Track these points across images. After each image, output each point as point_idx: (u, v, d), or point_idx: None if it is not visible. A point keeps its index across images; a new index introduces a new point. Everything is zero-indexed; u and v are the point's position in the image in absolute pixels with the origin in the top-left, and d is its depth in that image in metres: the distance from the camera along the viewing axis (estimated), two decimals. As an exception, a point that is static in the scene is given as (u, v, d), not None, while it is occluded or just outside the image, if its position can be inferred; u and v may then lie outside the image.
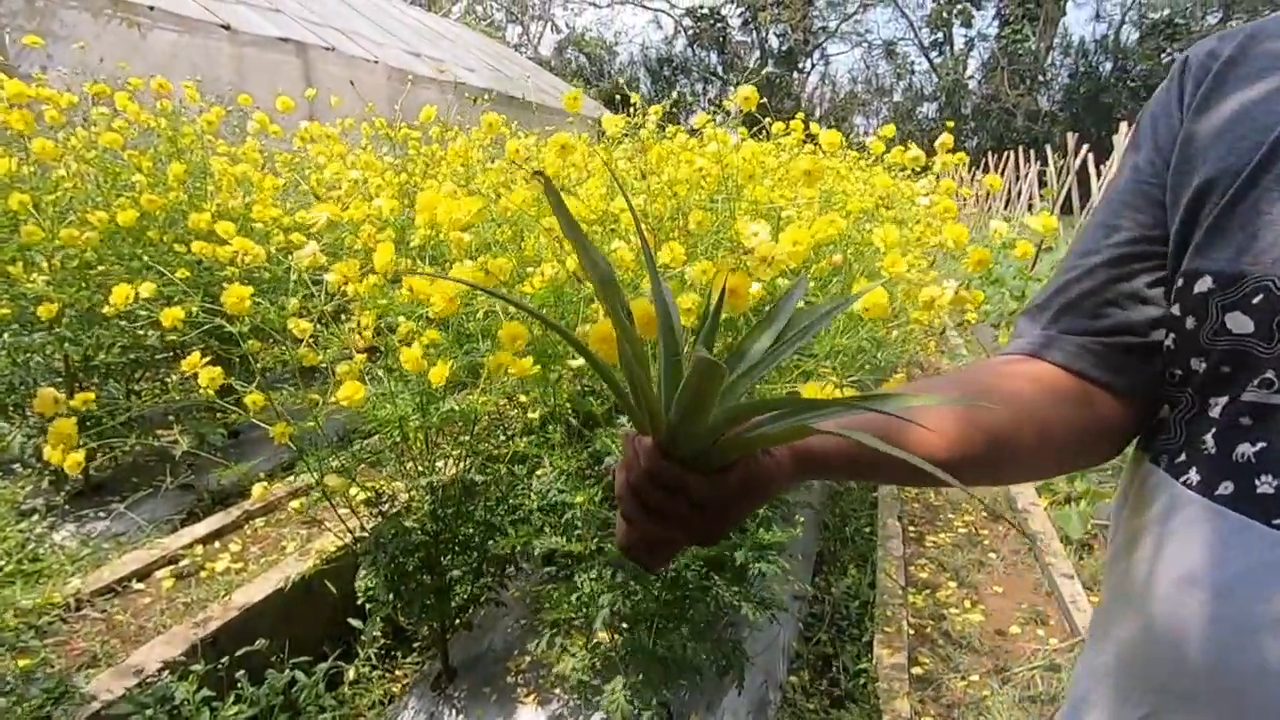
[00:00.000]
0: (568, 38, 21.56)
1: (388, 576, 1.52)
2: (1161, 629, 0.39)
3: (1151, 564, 0.41)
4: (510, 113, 7.75)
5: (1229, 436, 0.39)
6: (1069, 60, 20.95)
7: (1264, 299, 0.37)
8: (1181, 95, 0.46)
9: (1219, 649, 0.36)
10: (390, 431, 1.39)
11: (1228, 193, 0.40)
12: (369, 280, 1.43)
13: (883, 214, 1.78)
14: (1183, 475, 0.41)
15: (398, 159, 3.00)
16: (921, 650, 1.83)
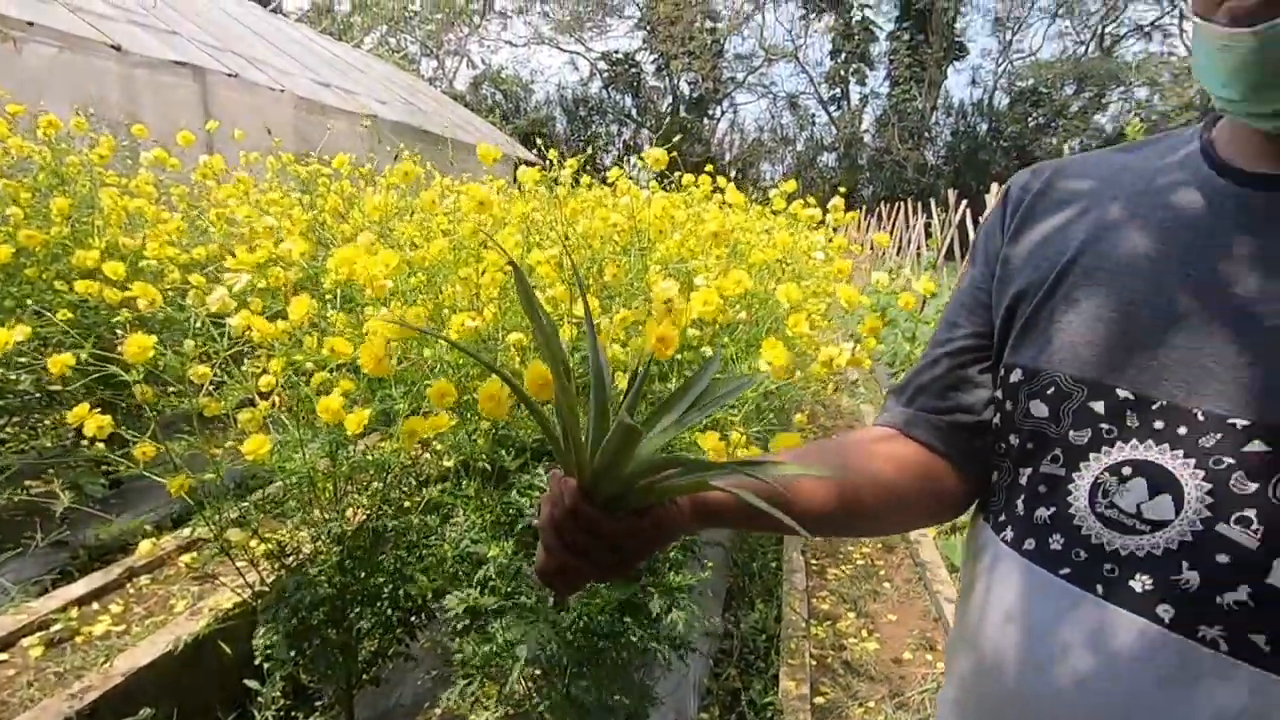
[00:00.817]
0: (484, 74, 21.64)
1: (290, 632, 1.46)
2: (988, 664, 0.48)
3: (981, 608, 0.50)
4: (424, 147, 7.69)
5: (1032, 501, 0.48)
6: (951, 119, 22.97)
7: (1054, 390, 0.47)
8: (1003, 220, 0.56)
9: (1027, 679, 0.45)
10: (299, 482, 1.36)
11: (1033, 303, 0.50)
12: (279, 326, 1.40)
13: (784, 268, 1.92)
14: (1002, 532, 0.50)
15: (305, 194, 2.94)
16: (824, 680, 1.92)
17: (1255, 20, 0.38)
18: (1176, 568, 0.40)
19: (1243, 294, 0.41)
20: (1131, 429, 0.43)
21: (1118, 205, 0.49)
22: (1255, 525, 0.38)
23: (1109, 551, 0.43)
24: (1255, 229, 0.42)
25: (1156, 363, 0.43)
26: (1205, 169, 0.46)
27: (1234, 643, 0.38)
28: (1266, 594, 0.37)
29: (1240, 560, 0.38)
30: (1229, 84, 0.41)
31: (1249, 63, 0.39)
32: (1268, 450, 0.38)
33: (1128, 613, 0.41)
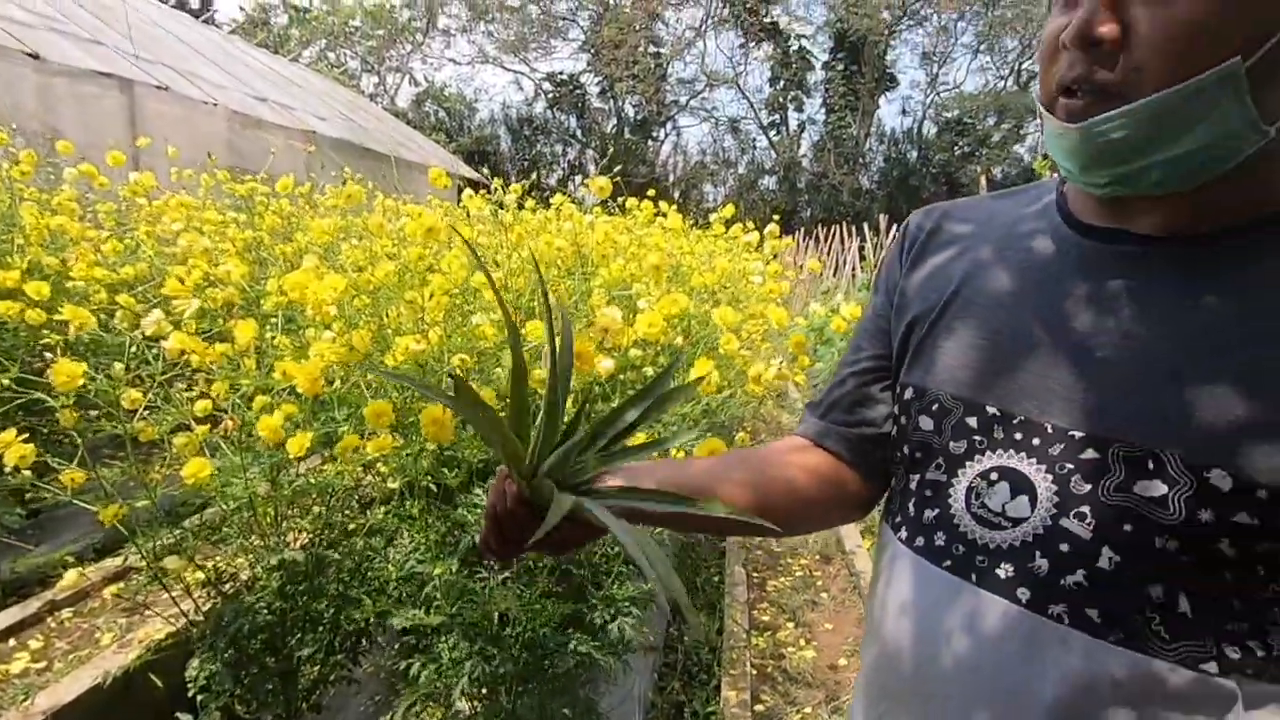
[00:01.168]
0: (427, 91, 21.46)
1: (227, 662, 1.43)
2: (889, 650, 0.54)
3: (883, 600, 0.56)
4: (366, 164, 7.59)
5: (920, 504, 0.55)
6: (883, 146, 24.02)
7: (938, 407, 0.55)
8: (900, 256, 0.64)
9: (918, 661, 0.51)
10: (239, 508, 1.35)
11: (922, 330, 0.58)
12: (219, 349, 1.40)
13: (722, 292, 2.01)
14: (899, 532, 0.57)
15: (242, 213, 2.88)
16: (764, 689, 1.99)
17: (1080, 118, 0.45)
18: (1031, 556, 0.47)
19: (1079, 328, 0.49)
20: (998, 440, 0.51)
21: (989, 247, 0.57)
22: (1089, 519, 0.45)
23: (980, 545, 0.50)
24: (1089, 273, 0.50)
25: (1016, 384, 0.50)
26: (1058, 219, 0.54)
27: (1073, 616, 0.45)
28: (1097, 575, 0.45)
29: (1078, 549, 0.46)
30: (1066, 160, 0.49)
31: (1078, 149, 0.46)
32: (1097, 457, 0.46)
33: (995, 596, 0.48)
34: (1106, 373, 0.47)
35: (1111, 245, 0.50)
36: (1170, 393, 0.44)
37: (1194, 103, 0.42)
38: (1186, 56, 0.41)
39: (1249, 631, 0.43)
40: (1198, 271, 0.46)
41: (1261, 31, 0.40)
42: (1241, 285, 0.45)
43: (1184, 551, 0.43)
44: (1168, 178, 0.45)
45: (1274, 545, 0.41)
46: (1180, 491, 0.43)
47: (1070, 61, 0.45)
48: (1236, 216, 0.46)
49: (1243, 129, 0.42)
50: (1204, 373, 0.43)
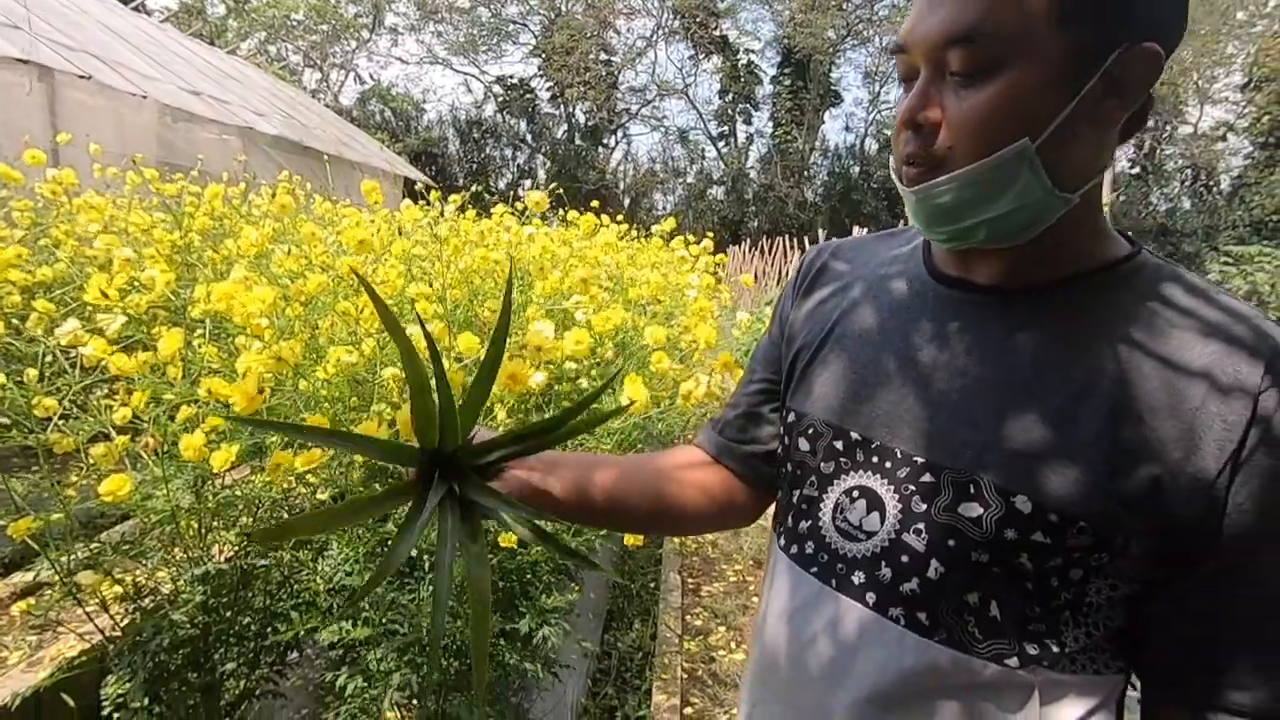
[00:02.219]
0: (372, 90, 21.00)
1: (146, 678, 1.40)
2: (768, 648, 0.60)
3: (767, 602, 0.63)
4: (307, 163, 7.39)
5: (797, 517, 0.62)
6: (828, 161, 24.72)
7: (813, 430, 0.61)
8: (794, 290, 0.71)
9: (790, 654, 0.58)
10: (161, 521, 1.33)
11: (804, 360, 0.65)
12: (141, 359, 1.37)
13: (656, 307, 2.07)
14: (780, 540, 0.63)
15: (172, 213, 2.79)
16: (694, 692, 2.05)
17: (914, 184, 0.52)
18: (878, 565, 0.54)
19: (925, 364, 0.56)
20: (859, 462, 0.57)
21: (864, 286, 0.64)
22: (924, 534, 0.52)
23: (841, 555, 0.56)
24: (937, 316, 0.57)
25: (875, 413, 0.57)
26: (920, 264, 0.62)
27: (908, 619, 0.52)
28: (926, 584, 0.52)
29: (913, 560, 0.52)
30: (914, 219, 0.56)
31: (918, 210, 0.53)
32: (932, 480, 0.52)
33: (850, 600, 0.55)
34: (943, 406, 0.54)
35: (957, 292, 0.57)
36: (990, 426, 0.51)
37: (997, 173, 0.49)
38: (987, 140, 0.48)
39: (1045, 632, 0.50)
40: (1022, 321, 0.53)
41: (1043, 121, 0.48)
42: (1055, 332, 0.52)
43: (994, 564, 0.50)
44: (992, 235, 0.52)
45: (1063, 560, 0.49)
46: (992, 513, 0.50)
47: (906, 139, 0.52)
48: (1057, 271, 0.54)
49: (1043, 195, 0.50)
50: (1017, 410, 0.51)
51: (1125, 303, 0.51)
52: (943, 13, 0.48)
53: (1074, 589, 0.49)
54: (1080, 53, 0.46)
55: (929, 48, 0.49)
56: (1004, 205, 0.50)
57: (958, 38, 0.48)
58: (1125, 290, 0.52)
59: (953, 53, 0.48)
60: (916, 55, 0.51)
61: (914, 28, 0.51)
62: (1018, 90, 0.47)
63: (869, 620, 0.54)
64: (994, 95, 0.47)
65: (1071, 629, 0.50)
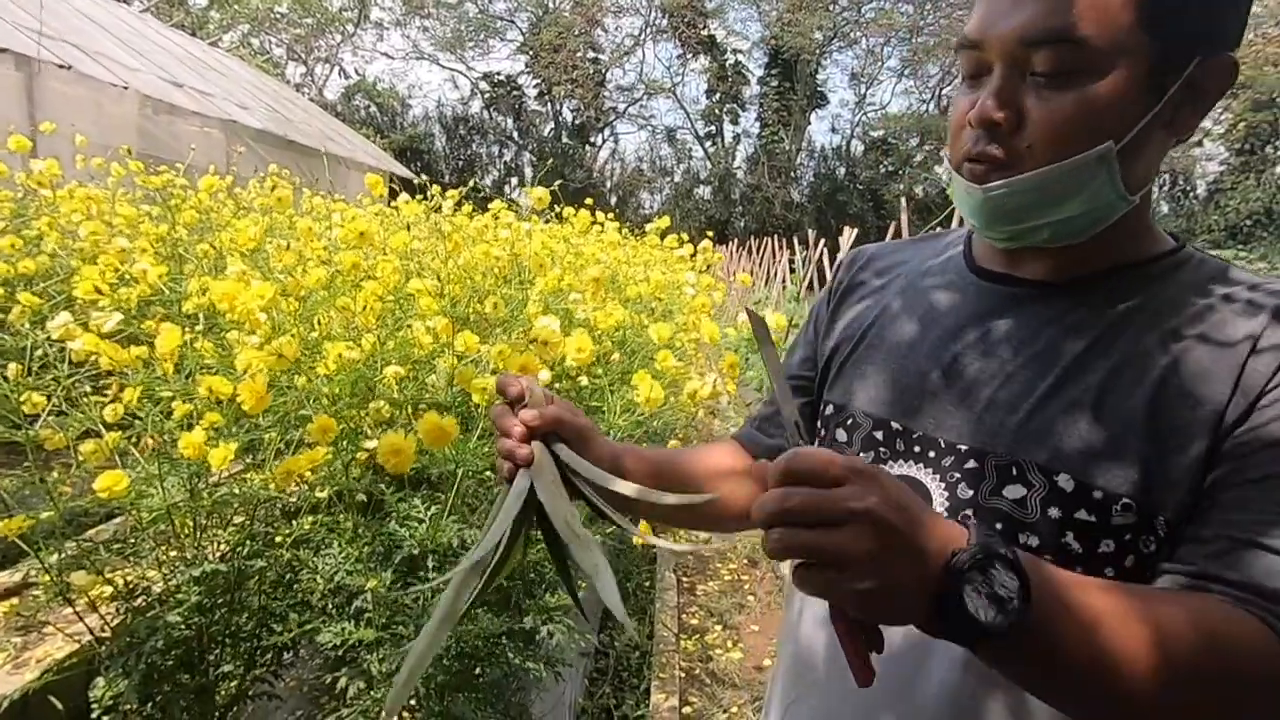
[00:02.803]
0: (356, 85, 20.78)
1: (138, 680, 1.37)
2: (803, 648, 0.60)
3: (801, 602, 0.62)
4: (291, 158, 7.30)
5: None
6: (814, 162, 24.87)
7: (852, 421, 0.62)
8: (830, 294, 0.73)
9: (828, 655, 0.57)
10: (155, 519, 1.30)
11: (843, 357, 0.65)
12: (133, 352, 1.34)
13: (657, 303, 2.06)
14: None
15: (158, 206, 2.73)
16: (692, 691, 2.04)
17: (983, 181, 0.52)
18: None
19: (969, 356, 0.56)
20: (899, 451, 0.58)
21: (905, 284, 0.65)
22: (972, 520, 0.52)
23: None
24: (981, 310, 0.58)
25: (917, 404, 0.58)
26: (963, 264, 0.62)
27: None
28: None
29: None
30: (972, 216, 0.56)
31: (981, 208, 0.53)
32: (976, 466, 0.53)
33: None
34: (984, 393, 0.55)
35: (1001, 287, 0.58)
36: (1032, 409, 0.52)
37: (1076, 176, 0.50)
38: (1069, 141, 0.49)
39: None
40: (1065, 311, 0.54)
41: (1128, 123, 0.49)
42: (1095, 324, 0.53)
43: (1043, 548, 0.50)
44: (1055, 235, 0.53)
45: (1115, 545, 0.49)
46: (1036, 493, 0.50)
47: (975, 137, 0.52)
48: (1102, 264, 0.54)
49: (1113, 198, 0.51)
50: (1059, 392, 0.51)
51: (1170, 292, 0.52)
52: (1029, 12, 0.48)
53: (1128, 578, 0.48)
54: (1166, 59, 0.48)
55: (1011, 46, 0.49)
56: (1074, 208, 0.51)
57: (1047, 39, 0.48)
58: (1171, 281, 0.53)
59: (1038, 54, 0.49)
60: (991, 53, 0.51)
61: (991, 24, 0.50)
62: (1105, 95, 0.48)
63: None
64: (1081, 98, 0.48)
65: None
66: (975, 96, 0.52)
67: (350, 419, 1.46)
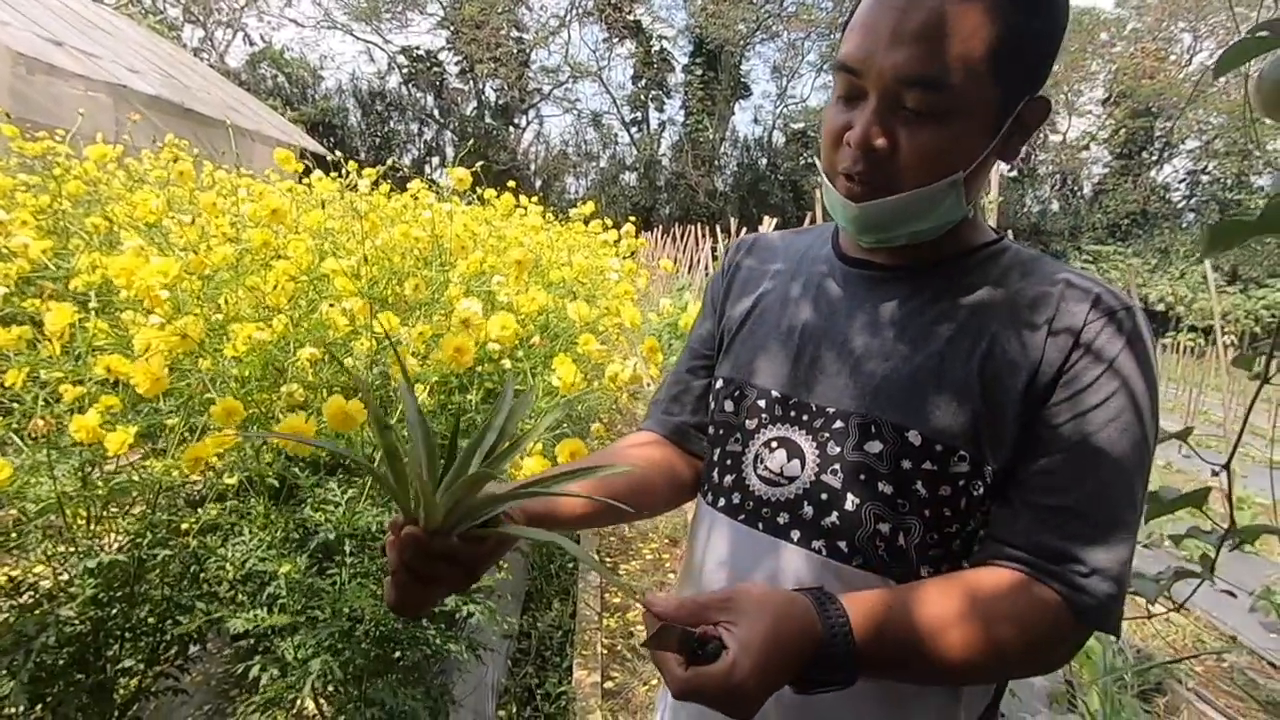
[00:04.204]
0: (262, 52, 19.52)
1: (27, 680, 1.29)
2: (701, 589, 0.65)
3: (701, 554, 0.70)
4: (188, 127, 6.84)
5: (722, 472, 0.69)
6: (737, 152, 25.29)
7: (739, 393, 0.69)
8: (723, 277, 0.80)
9: None
10: (44, 510, 1.22)
11: (732, 334, 0.73)
12: (15, 333, 1.26)
13: (579, 288, 2.08)
14: (706, 497, 0.71)
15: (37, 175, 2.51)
16: (614, 666, 2.09)
17: (859, 200, 0.60)
18: (801, 505, 0.62)
19: (835, 330, 0.65)
20: (779, 416, 0.66)
21: (785, 271, 0.74)
22: (839, 473, 0.61)
23: (765, 500, 0.64)
24: (845, 291, 0.67)
25: (794, 374, 0.66)
26: (830, 249, 0.72)
27: (829, 549, 0.61)
28: (845, 516, 0.60)
29: (832, 496, 0.61)
30: (845, 224, 0.64)
31: (857, 219, 0.62)
32: (842, 425, 0.62)
33: (777, 539, 0.63)
34: (848, 363, 0.64)
35: (864, 272, 0.67)
36: (886, 375, 0.61)
37: (932, 197, 0.59)
38: (931, 169, 0.58)
39: (942, 557, 0.60)
40: (915, 291, 0.64)
41: (974, 155, 0.59)
42: (938, 302, 0.63)
43: (898, 495, 0.59)
44: (912, 239, 0.64)
45: (951, 490, 0.58)
46: (890, 448, 0.59)
47: (853, 157, 0.59)
48: (941, 254, 0.65)
49: (956, 212, 0.62)
50: (907, 361, 0.61)
51: (992, 274, 0.63)
52: (906, 54, 0.55)
53: (960, 519, 0.59)
54: (1004, 103, 0.57)
55: (889, 81, 0.56)
56: (929, 220, 0.61)
57: (920, 81, 0.55)
58: (992, 266, 0.63)
59: (911, 93, 0.56)
60: (869, 82, 0.57)
61: (870, 57, 0.56)
62: (963, 133, 0.57)
63: (794, 554, 0.61)
64: (944, 135, 0.57)
65: (958, 556, 0.60)
66: (849, 116, 0.59)
67: (261, 403, 1.42)
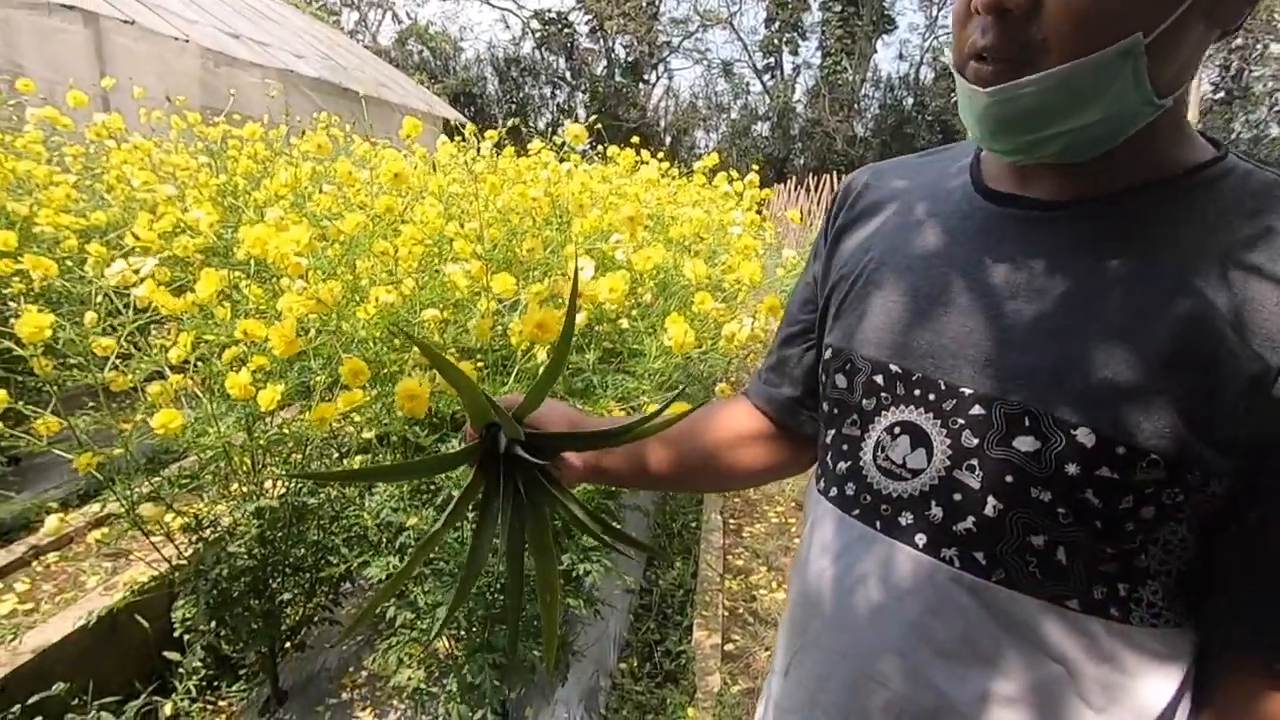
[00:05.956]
0: (409, 29, 20.65)
1: (210, 604, 1.48)
2: (809, 589, 0.58)
3: (807, 548, 0.60)
4: (345, 105, 7.36)
5: (836, 457, 0.58)
6: (879, 93, 23.48)
7: (850, 366, 0.57)
8: (832, 219, 0.65)
9: (834, 599, 0.55)
10: (215, 457, 1.37)
11: (844, 292, 0.60)
12: (186, 299, 1.39)
13: (698, 245, 2.00)
14: (820, 483, 0.60)
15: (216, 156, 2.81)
16: (734, 629, 2.07)
17: (989, 83, 0.45)
18: (928, 505, 0.50)
19: (975, 290, 0.51)
20: (900, 396, 0.53)
21: (908, 211, 0.58)
22: (978, 471, 0.48)
23: (884, 495, 0.53)
24: (989, 238, 0.52)
25: (918, 344, 0.53)
26: (970, 184, 0.55)
27: (963, 559, 0.49)
28: (984, 522, 0.48)
29: (968, 497, 0.48)
30: (975, 125, 0.49)
31: (988, 114, 0.47)
32: (983, 413, 0.48)
33: (897, 542, 0.52)
34: (995, 333, 0.49)
35: (1013, 210, 0.52)
36: (1046, 353, 0.46)
37: (1097, 74, 0.43)
38: (1092, 32, 0.42)
39: (1116, 575, 0.46)
40: (1087, 237, 0.48)
41: (1161, 12, 0.41)
42: (1123, 246, 0.46)
43: (1058, 504, 0.46)
44: (1069, 148, 0.47)
45: (1135, 499, 0.44)
46: (1051, 447, 0.45)
47: (982, 28, 0.45)
48: (1127, 183, 0.48)
49: (1138, 103, 0.44)
50: (1077, 333, 0.46)
51: (1208, 211, 0.45)
52: None
53: (1147, 529, 0.45)
54: None
55: None
56: (1093, 114, 0.44)
57: None
58: (1209, 197, 0.46)
59: None
60: None
61: None
62: None
63: (919, 562, 0.50)
64: None
65: (1148, 576, 0.47)
66: None
67: (391, 363, 1.49)
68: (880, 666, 0.52)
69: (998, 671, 0.48)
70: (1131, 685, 0.47)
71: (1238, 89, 19.20)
